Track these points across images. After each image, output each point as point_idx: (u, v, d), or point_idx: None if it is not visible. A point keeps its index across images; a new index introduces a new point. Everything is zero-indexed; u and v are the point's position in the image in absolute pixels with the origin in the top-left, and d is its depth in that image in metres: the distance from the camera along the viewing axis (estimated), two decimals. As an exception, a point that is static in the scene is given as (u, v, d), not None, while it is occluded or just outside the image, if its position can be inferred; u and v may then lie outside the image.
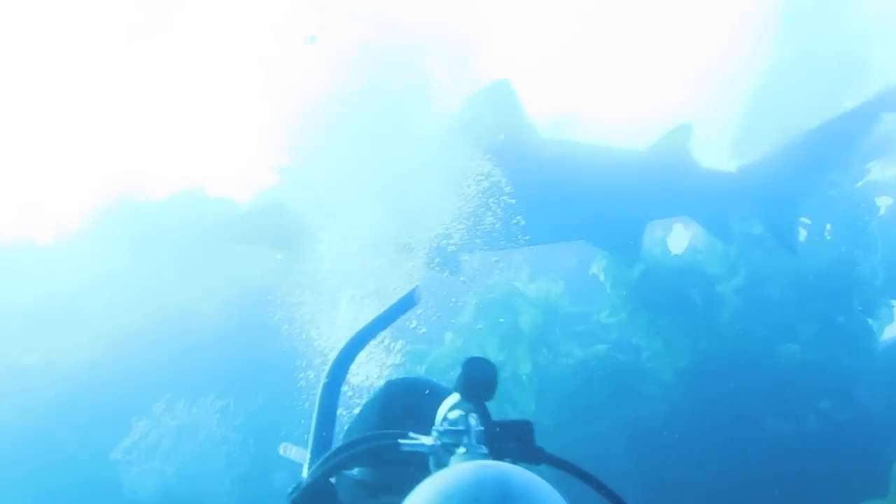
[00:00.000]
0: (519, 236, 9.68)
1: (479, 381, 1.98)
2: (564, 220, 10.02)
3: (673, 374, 10.01)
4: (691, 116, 10.91)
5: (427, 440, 1.99)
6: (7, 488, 11.85)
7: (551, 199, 9.84)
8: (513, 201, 9.35)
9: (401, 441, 2.02)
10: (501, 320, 10.37)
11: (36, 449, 12.27)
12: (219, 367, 12.63)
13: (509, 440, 1.97)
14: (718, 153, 11.36)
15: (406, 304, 2.61)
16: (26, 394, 13.00)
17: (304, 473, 2.24)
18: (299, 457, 2.52)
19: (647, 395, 9.87)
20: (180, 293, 13.77)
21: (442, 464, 1.90)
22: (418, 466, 1.96)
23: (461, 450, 1.88)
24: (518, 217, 9.48)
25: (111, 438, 11.90)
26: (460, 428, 1.92)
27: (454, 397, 2.02)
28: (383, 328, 2.53)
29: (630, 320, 10.38)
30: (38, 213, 19.09)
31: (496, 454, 1.88)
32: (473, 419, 1.93)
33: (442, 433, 1.95)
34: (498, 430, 1.95)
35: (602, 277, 10.51)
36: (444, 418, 2.01)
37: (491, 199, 9.41)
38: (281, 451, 2.68)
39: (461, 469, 1.63)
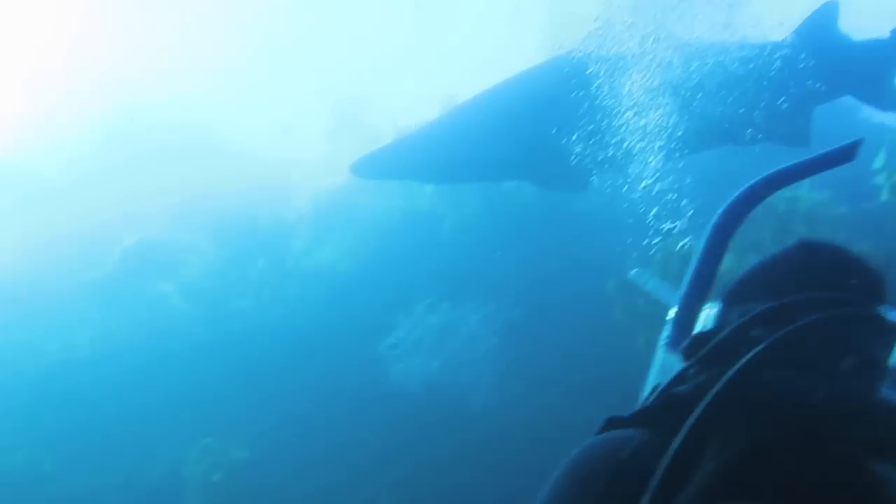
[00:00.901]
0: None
1: None
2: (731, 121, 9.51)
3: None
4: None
5: None
6: (277, 381, 12.79)
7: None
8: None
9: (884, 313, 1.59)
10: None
11: (305, 343, 13.23)
12: (486, 275, 13.01)
13: None
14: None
15: (841, 155, 2.04)
16: (303, 295, 14.08)
17: (671, 315, 1.92)
18: (657, 291, 2.25)
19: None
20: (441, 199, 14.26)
21: None
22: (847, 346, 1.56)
23: None
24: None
25: (378, 335, 12.57)
26: None
27: None
28: (807, 175, 2.08)
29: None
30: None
31: None
32: None
33: None
34: None
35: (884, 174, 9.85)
36: None
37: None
38: (633, 276, 2.48)
39: None
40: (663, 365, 1.71)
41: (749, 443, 1.27)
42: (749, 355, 1.47)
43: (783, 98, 9.73)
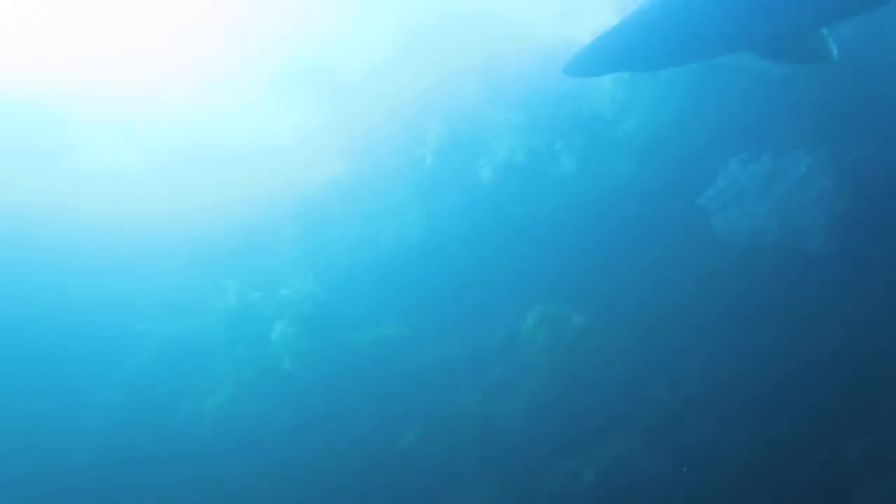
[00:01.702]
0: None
1: None
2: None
3: None
4: None
5: None
6: (602, 246, 12.90)
7: None
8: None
9: None
10: None
11: (623, 208, 13.24)
12: (812, 118, 12.24)
13: None
14: None
15: None
16: (618, 160, 14.06)
17: None
18: None
19: None
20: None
21: None
22: None
23: None
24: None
25: (696, 190, 12.28)
26: None
27: None
28: None
29: None
30: None
31: None
32: None
33: None
34: None
35: None
36: None
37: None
38: None
39: None
40: None
41: None
42: None
43: None
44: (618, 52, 10.04)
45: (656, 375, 11.05)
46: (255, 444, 12.78)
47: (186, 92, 19.36)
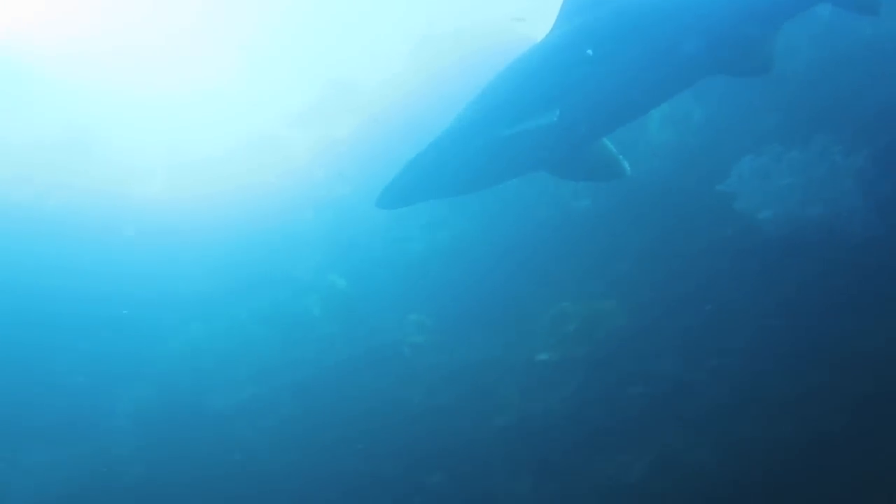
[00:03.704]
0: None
1: None
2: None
3: None
4: None
5: None
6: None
7: None
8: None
9: None
10: None
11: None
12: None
13: None
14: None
15: None
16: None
17: None
18: None
19: None
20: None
21: None
22: None
23: None
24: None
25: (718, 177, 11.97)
26: None
27: None
28: None
29: None
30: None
31: None
32: None
33: None
34: None
35: None
36: None
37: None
38: None
39: None
40: None
41: None
42: None
43: None
44: (427, 181, 9.55)
45: (697, 369, 10.91)
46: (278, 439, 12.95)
47: (211, 101, 19.65)
